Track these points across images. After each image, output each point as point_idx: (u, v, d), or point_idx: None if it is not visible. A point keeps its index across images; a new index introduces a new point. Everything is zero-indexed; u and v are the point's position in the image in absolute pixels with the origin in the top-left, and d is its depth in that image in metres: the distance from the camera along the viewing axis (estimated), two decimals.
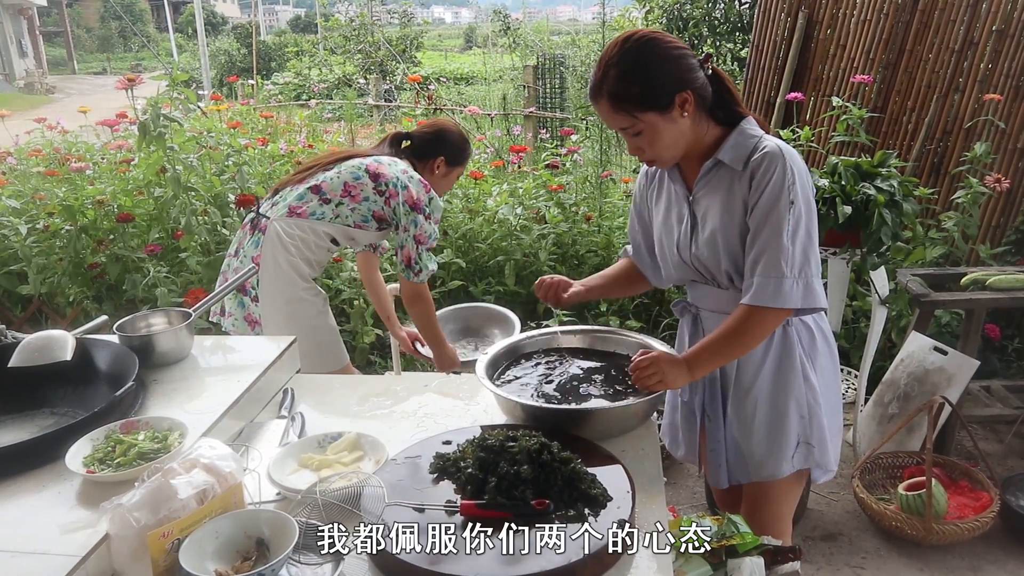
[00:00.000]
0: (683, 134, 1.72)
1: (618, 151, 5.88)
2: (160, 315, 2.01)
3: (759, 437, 1.85)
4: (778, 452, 1.84)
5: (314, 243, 2.49)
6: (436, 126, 2.75)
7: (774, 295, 1.66)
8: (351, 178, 2.50)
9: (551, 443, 1.43)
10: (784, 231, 1.65)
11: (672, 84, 1.66)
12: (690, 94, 1.67)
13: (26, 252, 4.00)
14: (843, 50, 4.79)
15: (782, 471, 1.86)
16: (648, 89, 1.66)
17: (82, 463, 1.43)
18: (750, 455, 1.88)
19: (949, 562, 2.79)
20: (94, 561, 1.22)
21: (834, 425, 1.92)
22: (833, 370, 1.92)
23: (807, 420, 1.84)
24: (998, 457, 3.41)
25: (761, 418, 1.84)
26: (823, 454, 1.87)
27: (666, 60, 1.66)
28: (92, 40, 41.17)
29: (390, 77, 14.22)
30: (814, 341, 1.84)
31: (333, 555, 1.24)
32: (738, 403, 1.86)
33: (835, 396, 1.93)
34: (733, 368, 1.85)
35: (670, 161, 1.79)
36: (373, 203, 2.50)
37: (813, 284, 1.68)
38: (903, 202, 2.92)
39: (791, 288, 1.65)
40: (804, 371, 1.82)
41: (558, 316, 3.75)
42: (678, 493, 3.21)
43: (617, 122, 1.71)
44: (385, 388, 1.96)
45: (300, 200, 2.49)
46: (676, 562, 1.54)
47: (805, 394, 1.83)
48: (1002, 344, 3.88)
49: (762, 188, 1.67)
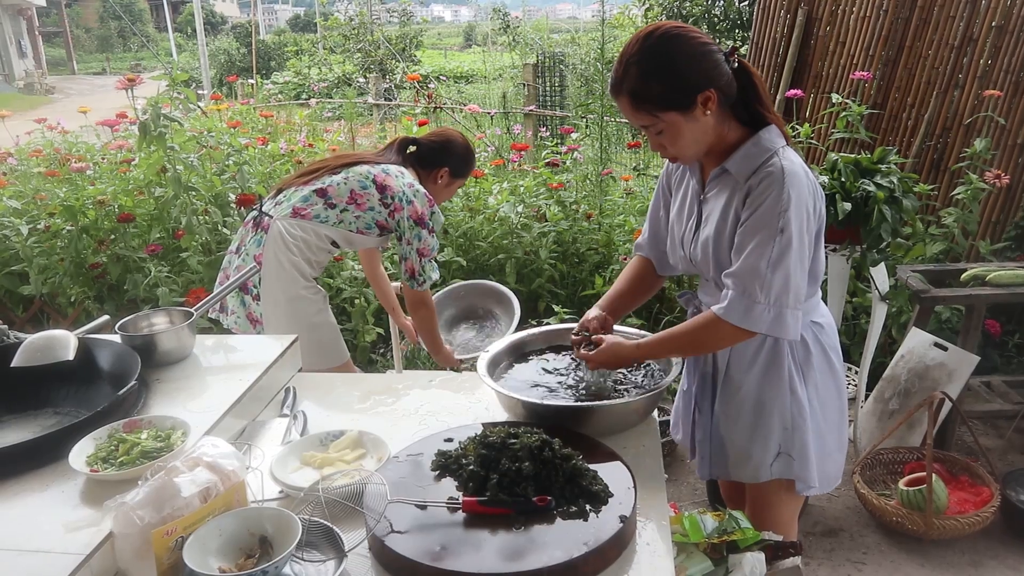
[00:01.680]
0: (706, 132, 1.67)
1: (618, 149, 5.88)
2: (162, 314, 2.02)
3: (740, 437, 1.86)
4: (757, 456, 1.84)
5: (315, 244, 2.50)
6: (443, 136, 2.76)
7: (743, 316, 1.63)
8: (358, 186, 2.51)
9: (552, 440, 1.43)
10: (765, 257, 1.60)
11: (695, 83, 1.61)
12: (714, 92, 1.62)
13: (27, 252, 4.01)
14: (843, 47, 4.79)
15: (760, 476, 1.86)
16: (669, 89, 1.61)
17: (85, 462, 1.43)
18: (730, 453, 1.89)
19: (950, 557, 2.80)
20: (98, 559, 1.22)
21: (829, 443, 1.87)
22: (833, 388, 1.87)
23: (790, 432, 1.81)
24: (998, 452, 3.42)
25: (744, 419, 1.84)
26: (803, 468, 1.83)
27: (689, 58, 1.60)
28: (91, 40, 41.18)
29: (390, 76, 14.24)
30: (809, 355, 1.80)
31: (336, 552, 1.25)
32: (725, 399, 1.87)
33: (834, 413, 1.88)
34: (724, 363, 1.84)
35: (693, 158, 1.75)
36: (378, 213, 2.52)
37: (785, 315, 1.63)
38: (903, 198, 2.92)
39: (761, 314, 1.62)
40: (792, 383, 1.79)
41: (559, 314, 3.76)
42: (679, 489, 3.21)
43: (638, 120, 1.66)
44: (387, 386, 1.97)
45: (305, 202, 2.50)
46: (677, 558, 1.55)
47: (789, 406, 1.80)
48: (1002, 340, 3.88)
49: (754, 208, 1.63)
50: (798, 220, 1.61)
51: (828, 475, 1.90)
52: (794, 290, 1.63)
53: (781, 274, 1.61)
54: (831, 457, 1.89)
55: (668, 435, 2.31)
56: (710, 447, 1.92)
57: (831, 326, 1.87)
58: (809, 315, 1.80)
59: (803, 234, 1.63)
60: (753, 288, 1.62)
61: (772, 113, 1.72)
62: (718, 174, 1.74)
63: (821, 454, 1.86)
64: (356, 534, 1.28)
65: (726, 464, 1.91)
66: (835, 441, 1.89)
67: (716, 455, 1.92)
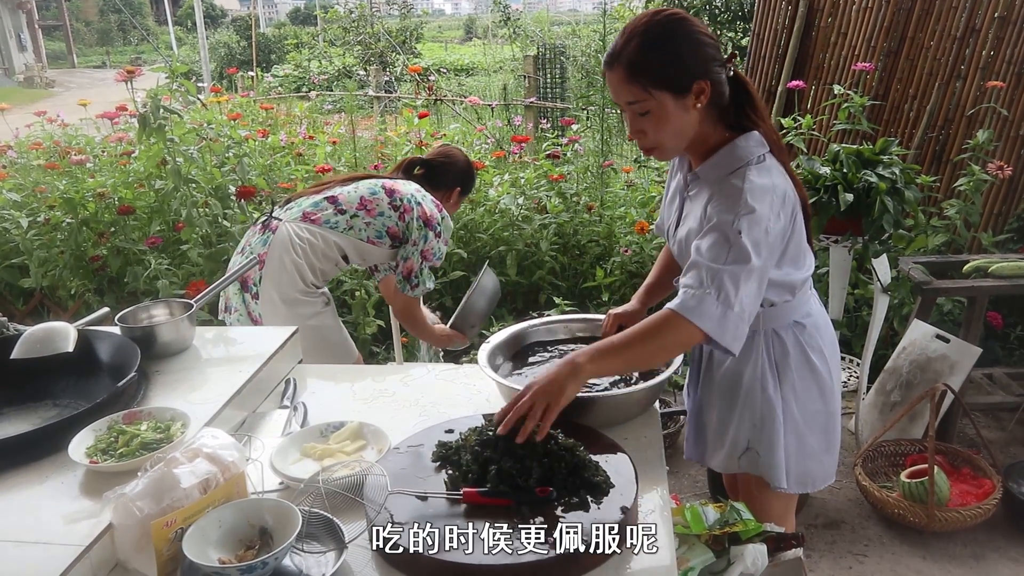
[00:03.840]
0: (690, 126, 1.63)
1: (619, 140, 5.87)
2: (161, 306, 2.01)
3: (715, 425, 1.88)
4: (728, 447, 1.85)
5: (323, 251, 2.48)
6: (446, 154, 2.80)
7: (695, 308, 1.51)
8: (367, 192, 2.53)
9: (555, 431, 1.43)
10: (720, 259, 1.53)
11: (694, 69, 1.58)
12: (708, 85, 1.59)
13: (27, 245, 4.01)
14: (844, 38, 4.77)
15: (729, 467, 1.87)
16: (669, 66, 1.57)
17: (85, 453, 1.43)
18: (708, 439, 1.91)
19: (951, 549, 2.80)
20: (98, 551, 1.22)
21: (811, 444, 1.83)
22: (815, 389, 1.81)
23: (758, 428, 1.80)
24: (1000, 445, 3.41)
25: (719, 408, 1.85)
26: (770, 468, 1.81)
27: (695, 44, 1.58)
28: (91, 34, 41.08)
29: (390, 68, 14.19)
30: (787, 355, 1.77)
31: (336, 543, 1.24)
32: (706, 385, 1.88)
33: (817, 415, 1.83)
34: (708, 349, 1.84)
35: (671, 153, 1.71)
36: (388, 218, 2.52)
37: (728, 319, 1.51)
38: (905, 190, 2.91)
39: (711, 308, 1.51)
40: (763, 381, 1.77)
41: (560, 306, 3.75)
42: (680, 481, 3.21)
43: (628, 94, 1.59)
44: (387, 377, 1.96)
45: (315, 207, 2.51)
46: (679, 549, 1.55)
47: (760, 404, 1.78)
48: (1004, 332, 3.87)
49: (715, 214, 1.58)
50: (753, 235, 1.53)
51: (813, 476, 1.88)
52: (746, 299, 1.53)
53: (730, 276, 1.52)
54: (815, 458, 1.86)
55: (669, 427, 2.32)
56: (694, 429, 1.96)
57: (818, 328, 1.81)
58: (790, 316, 1.78)
59: (759, 247, 1.54)
60: (703, 278, 1.53)
61: (765, 122, 1.68)
62: (695, 177, 1.72)
63: (801, 455, 1.83)
64: (356, 525, 1.28)
65: (704, 449, 1.94)
66: (821, 442, 1.86)
67: (698, 438, 1.96)
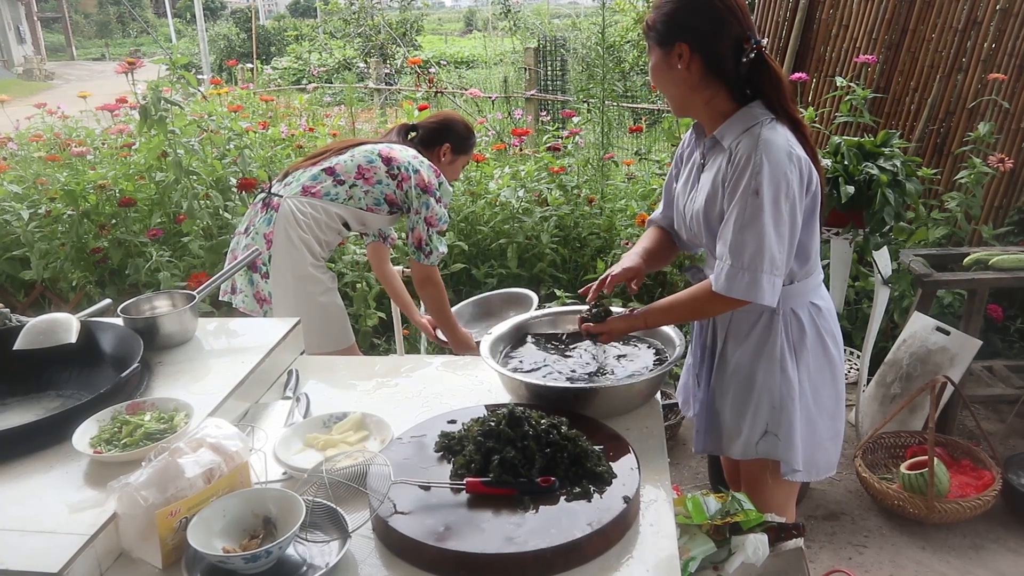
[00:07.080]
0: (675, 86, 1.70)
1: (620, 133, 5.86)
2: (164, 297, 2.01)
3: (731, 412, 1.88)
4: (745, 432, 1.85)
5: (325, 223, 2.52)
6: (442, 116, 2.82)
7: (726, 283, 1.66)
8: (364, 161, 2.55)
9: (557, 421, 1.43)
10: (735, 220, 1.63)
11: (677, 30, 1.64)
12: (687, 50, 1.64)
13: (28, 237, 4.00)
14: (846, 30, 4.76)
15: (747, 453, 1.87)
16: (668, 17, 1.65)
17: (89, 443, 1.44)
18: (722, 427, 1.91)
19: (951, 541, 2.81)
20: (102, 540, 1.23)
21: (821, 430, 1.86)
22: (828, 373, 1.86)
23: (777, 411, 1.81)
24: (1000, 436, 3.42)
25: (735, 394, 1.86)
26: (788, 451, 1.83)
27: (697, 9, 1.64)
28: (90, 26, 41.00)
29: (390, 61, 14.16)
30: (804, 335, 1.80)
31: (340, 533, 1.25)
32: (720, 373, 1.88)
33: (829, 400, 1.87)
34: (722, 337, 1.86)
35: (673, 107, 1.80)
36: (386, 186, 2.55)
37: (760, 279, 1.62)
38: (906, 182, 2.90)
39: (737, 278, 1.63)
40: (783, 362, 1.79)
41: (561, 298, 3.76)
42: (680, 472, 3.22)
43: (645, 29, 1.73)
44: (390, 368, 1.96)
45: (314, 180, 2.54)
46: (681, 539, 1.55)
47: (779, 385, 1.80)
48: (1004, 324, 3.88)
49: (732, 173, 1.64)
50: (772, 186, 1.60)
51: (818, 464, 1.90)
52: (768, 253, 1.62)
53: (752, 236, 1.61)
54: (822, 447, 1.88)
55: (670, 418, 2.32)
56: (706, 420, 1.95)
57: (831, 311, 1.87)
58: (807, 295, 1.81)
59: (779, 201, 1.62)
60: (725, 251, 1.65)
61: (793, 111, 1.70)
62: (712, 144, 1.75)
63: (811, 441, 1.86)
64: (360, 515, 1.29)
65: (719, 439, 1.93)
66: (828, 430, 1.88)
67: (711, 429, 1.94)
